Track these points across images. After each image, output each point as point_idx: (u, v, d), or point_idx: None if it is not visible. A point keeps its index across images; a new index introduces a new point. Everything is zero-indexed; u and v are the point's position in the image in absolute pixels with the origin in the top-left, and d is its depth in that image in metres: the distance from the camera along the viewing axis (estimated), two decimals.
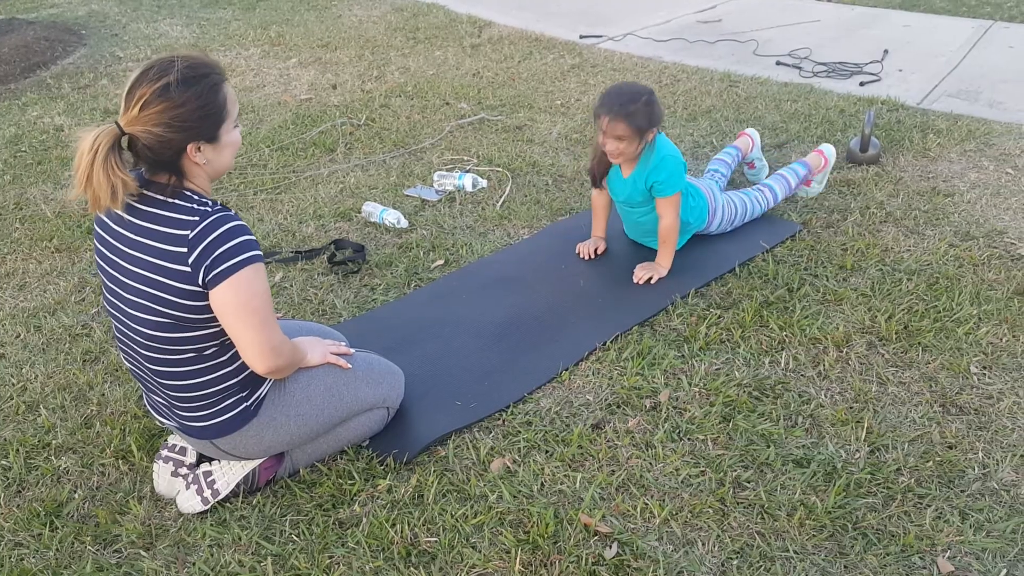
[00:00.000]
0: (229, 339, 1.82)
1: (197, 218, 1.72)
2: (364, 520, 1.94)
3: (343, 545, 1.88)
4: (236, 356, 1.86)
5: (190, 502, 1.96)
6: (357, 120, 4.26)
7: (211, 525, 1.94)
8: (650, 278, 2.78)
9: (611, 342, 2.51)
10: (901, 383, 2.32)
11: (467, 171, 3.58)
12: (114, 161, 1.65)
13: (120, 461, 2.15)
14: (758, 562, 1.82)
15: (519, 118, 4.17)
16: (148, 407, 2.04)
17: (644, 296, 2.71)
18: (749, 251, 2.92)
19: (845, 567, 1.80)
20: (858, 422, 2.18)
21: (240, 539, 1.91)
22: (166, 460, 2.04)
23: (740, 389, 2.31)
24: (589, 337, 2.52)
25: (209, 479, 1.98)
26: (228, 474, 1.98)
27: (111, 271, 1.83)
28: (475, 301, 2.72)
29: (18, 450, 2.19)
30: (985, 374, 2.34)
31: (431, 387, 2.35)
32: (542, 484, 2.03)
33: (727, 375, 2.36)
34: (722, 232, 3.04)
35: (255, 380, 1.92)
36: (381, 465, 2.09)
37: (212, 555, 1.87)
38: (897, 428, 2.16)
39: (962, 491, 1.98)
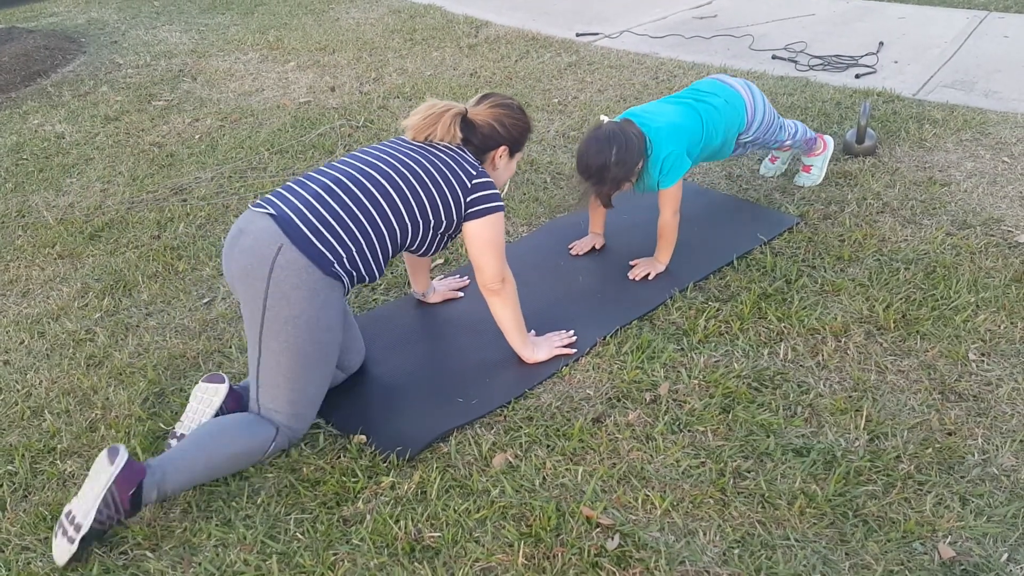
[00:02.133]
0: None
1: None
2: (368, 517, 1.96)
3: (347, 542, 1.90)
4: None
5: (60, 549, 1.85)
6: (355, 122, 4.28)
7: (216, 525, 1.96)
8: (647, 275, 2.79)
9: (611, 337, 2.52)
10: (900, 371, 2.34)
11: None
12: None
13: None
14: (759, 550, 1.83)
15: None
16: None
17: (643, 291, 2.73)
18: (747, 244, 2.94)
19: (846, 554, 1.81)
20: (857, 411, 2.19)
21: (245, 538, 1.92)
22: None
23: (739, 380, 2.32)
24: (589, 332, 2.53)
25: (70, 517, 1.86)
26: (85, 502, 1.86)
27: None
28: (475, 299, 2.73)
29: (23, 455, 2.21)
30: (984, 360, 2.35)
31: (432, 385, 2.36)
32: (544, 478, 2.04)
33: (726, 367, 2.38)
34: (755, 140, 3.01)
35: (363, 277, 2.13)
36: (384, 462, 2.11)
37: (217, 554, 1.89)
38: (896, 416, 2.18)
39: (962, 477, 1.99)
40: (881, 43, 4.78)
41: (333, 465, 2.11)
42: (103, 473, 1.86)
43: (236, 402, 2.19)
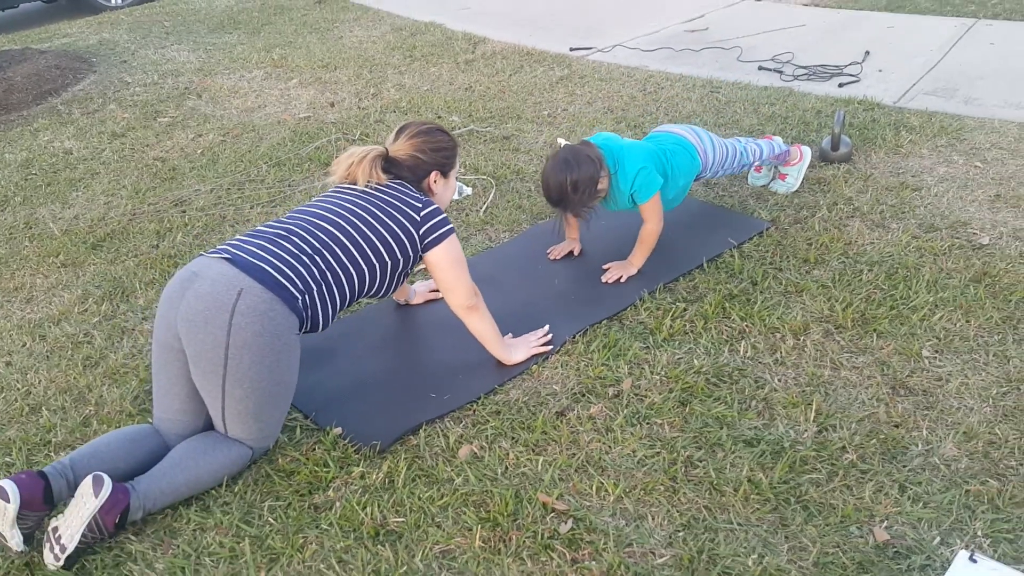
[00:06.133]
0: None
1: None
2: (337, 504, 2.08)
3: (316, 527, 2.02)
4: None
5: (47, 559, 1.93)
6: (352, 135, 4.42)
7: (195, 511, 2.08)
8: (619, 278, 2.90)
9: (580, 335, 2.63)
10: (854, 367, 2.43)
11: None
12: None
13: None
14: (703, 533, 1.93)
15: (507, 128, 4.31)
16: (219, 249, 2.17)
17: (614, 292, 2.84)
18: (717, 248, 3.04)
19: (785, 537, 1.91)
20: (808, 404, 2.29)
21: (222, 523, 2.05)
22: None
23: (699, 376, 2.42)
24: (560, 332, 2.64)
25: (56, 535, 1.93)
26: (70, 527, 1.93)
27: None
28: None
29: (20, 448, 2.35)
30: (936, 357, 2.44)
31: (408, 381, 2.48)
32: (506, 468, 2.15)
33: (688, 363, 2.48)
34: (716, 175, 3.16)
35: (319, 323, 2.20)
36: (357, 454, 2.23)
37: (195, 538, 2.01)
38: (846, 409, 2.27)
39: (904, 466, 2.08)
40: (867, 52, 4.88)
41: (308, 456, 2.23)
42: (88, 502, 1.92)
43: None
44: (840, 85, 4.48)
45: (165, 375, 2.12)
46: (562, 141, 2.84)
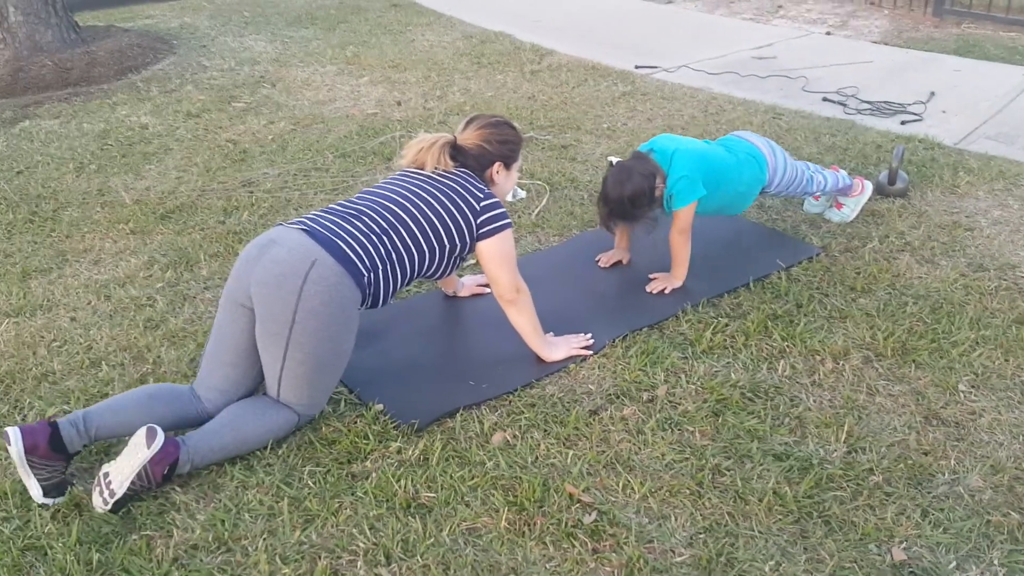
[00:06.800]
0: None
1: None
2: (373, 475, 2.17)
3: (352, 494, 2.11)
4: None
5: (96, 503, 2.04)
6: (415, 134, 4.54)
7: (240, 469, 2.19)
8: (663, 289, 2.96)
9: (620, 340, 2.70)
10: (890, 395, 2.46)
11: None
12: None
13: None
14: (724, 538, 1.98)
15: (566, 138, 4.40)
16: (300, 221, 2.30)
17: (657, 302, 2.90)
18: (765, 268, 3.08)
19: (804, 548, 1.95)
20: (840, 425, 2.32)
21: (263, 482, 2.15)
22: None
23: (734, 389, 2.47)
24: (600, 335, 2.71)
25: (107, 480, 2.04)
26: (121, 473, 2.03)
27: None
28: None
29: (79, 397, 2.48)
30: (972, 392, 2.46)
31: (450, 368, 2.57)
32: (536, 457, 2.22)
33: (724, 376, 2.53)
34: (779, 194, 3.22)
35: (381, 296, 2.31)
36: (395, 430, 2.32)
37: (237, 494, 2.12)
38: (878, 433, 2.30)
39: (928, 492, 2.10)
40: (932, 93, 4.87)
41: (349, 428, 2.33)
42: (140, 451, 2.03)
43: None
44: (903, 122, 4.49)
45: (228, 328, 2.25)
46: (613, 159, 2.92)
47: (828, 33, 6.44)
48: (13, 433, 2.04)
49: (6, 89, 5.28)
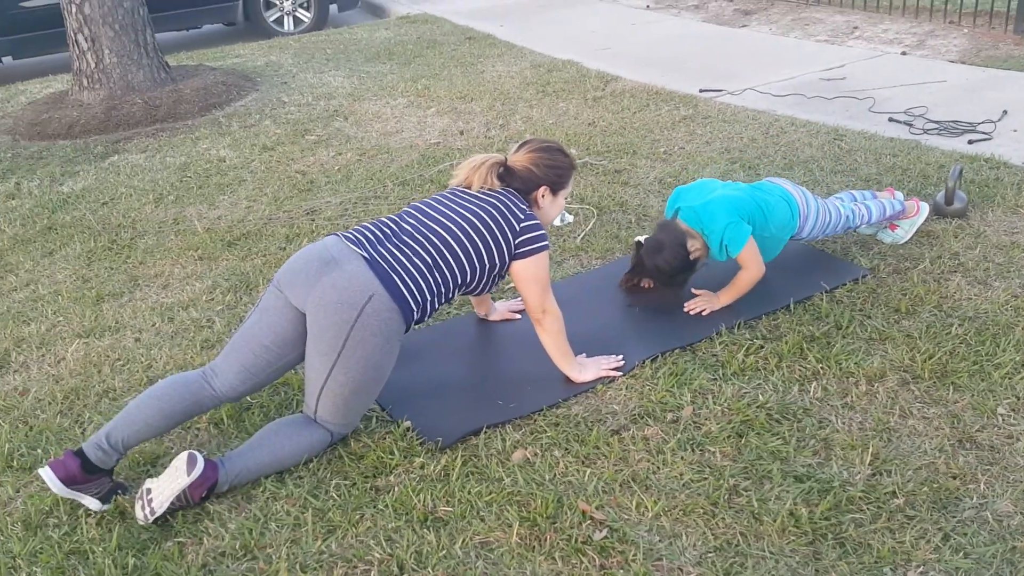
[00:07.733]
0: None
1: None
2: (396, 488, 2.25)
3: (374, 506, 2.19)
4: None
5: (138, 514, 2.17)
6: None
7: (271, 481, 2.30)
8: (703, 310, 2.96)
9: (650, 361, 2.71)
10: (924, 417, 2.40)
11: None
12: None
13: (212, 427, 2.57)
14: (734, 557, 1.98)
15: (620, 163, 4.44)
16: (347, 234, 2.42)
17: (692, 323, 2.90)
18: (807, 290, 3.05)
19: (816, 571, 1.93)
20: (866, 447, 2.28)
21: (292, 494, 2.26)
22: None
23: (760, 410, 2.46)
24: (631, 356, 2.73)
25: (149, 496, 2.17)
26: (162, 495, 2.16)
27: None
28: (530, 320, 2.99)
29: None
30: (1011, 416, 2.38)
31: (479, 387, 2.64)
32: (554, 475, 2.27)
33: (752, 398, 2.52)
34: (814, 238, 3.22)
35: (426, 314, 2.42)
36: (421, 446, 2.40)
37: (267, 504, 2.23)
38: (906, 457, 2.25)
39: (953, 516, 2.05)
40: (1004, 111, 4.71)
41: (377, 444, 2.42)
42: (180, 477, 2.16)
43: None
44: (970, 142, 4.35)
45: (274, 315, 2.34)
46: (640, 239, 3.01)
47: (903, 53, 6.29)
48: (45, 474, 2.18)
49: (99, 126, 5.65)
